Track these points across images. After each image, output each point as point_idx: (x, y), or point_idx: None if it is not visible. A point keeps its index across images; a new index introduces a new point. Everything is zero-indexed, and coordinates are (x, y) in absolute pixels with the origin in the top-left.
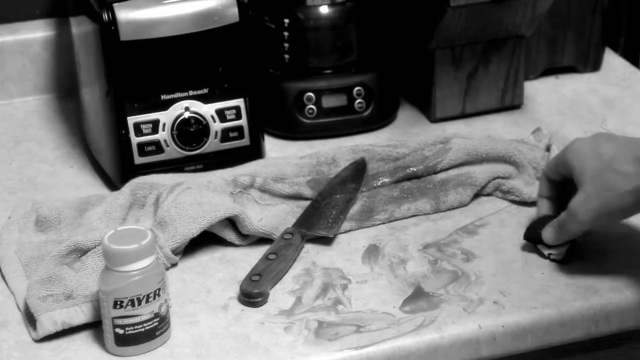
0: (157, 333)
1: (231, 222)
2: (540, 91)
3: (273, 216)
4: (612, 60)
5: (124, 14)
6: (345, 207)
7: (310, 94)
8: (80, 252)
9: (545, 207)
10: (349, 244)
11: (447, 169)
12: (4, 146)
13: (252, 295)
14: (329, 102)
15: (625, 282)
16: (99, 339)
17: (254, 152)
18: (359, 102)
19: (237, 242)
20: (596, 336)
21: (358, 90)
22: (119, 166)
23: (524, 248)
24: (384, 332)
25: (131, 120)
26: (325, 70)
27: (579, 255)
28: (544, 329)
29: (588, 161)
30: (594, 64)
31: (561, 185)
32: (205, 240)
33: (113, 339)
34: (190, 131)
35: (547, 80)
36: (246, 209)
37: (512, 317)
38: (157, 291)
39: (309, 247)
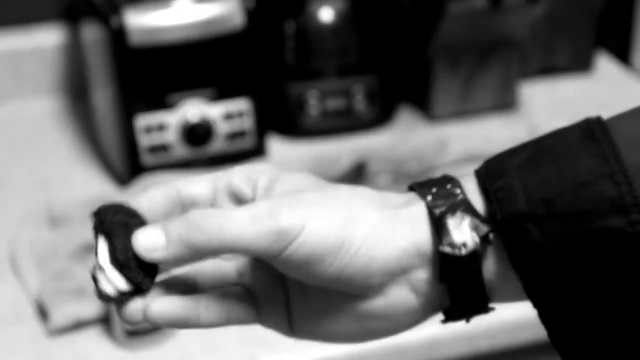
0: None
1: None
2: (535, 93)
3: None
4: (604, 62)
5: (134, 20)
6: None
7: (313, 95)
8: (91, 248)
9: None
10: None
11: (445, 169)
12: (18, 146)
13: None
14: (330, 103)
15: None
16: (109, 333)
17: (259, 152)
18: (360, 103)
19: None
20: None
21: (359, 91)
22: (127, 166)
23: None
24: None
25: (139, 121)
26: (328, 72)
27: None
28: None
29: None
30: (588, 66)
31: None
32: None
33: (122, 333)
34: (196, 132)
35: (542, 82)
36: None
37: (509, 311)
38: None
39: None
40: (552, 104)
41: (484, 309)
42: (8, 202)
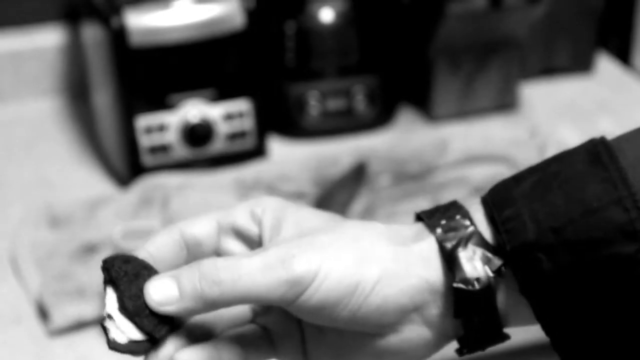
0: None
1: None
2: (536, 93)
3: None
4: (605, 62)
5: (134, 20)
6: (346, 207)
7: (313, 95)
8: (92, 249)
9: None
10: None
11: (445, 169)
12: (18, 147)
13: None
14: (331, 103)
15: None
16: None
17: (259, 153)
18: (361, 104)
19: None
20: None
21: (359, 91)
22: (128, 167)
23: None
24: None
25: (140, 122)
26: (328, 72)
27: None
28: None
29: None
30: (588, 67)
31: None
32: None
33: None
34: (197, 133)
35: (542, 82)
36: None
37: None
38: None
39: None
40: (552, 104)
41: (499, 337)
42: (8, 202)
